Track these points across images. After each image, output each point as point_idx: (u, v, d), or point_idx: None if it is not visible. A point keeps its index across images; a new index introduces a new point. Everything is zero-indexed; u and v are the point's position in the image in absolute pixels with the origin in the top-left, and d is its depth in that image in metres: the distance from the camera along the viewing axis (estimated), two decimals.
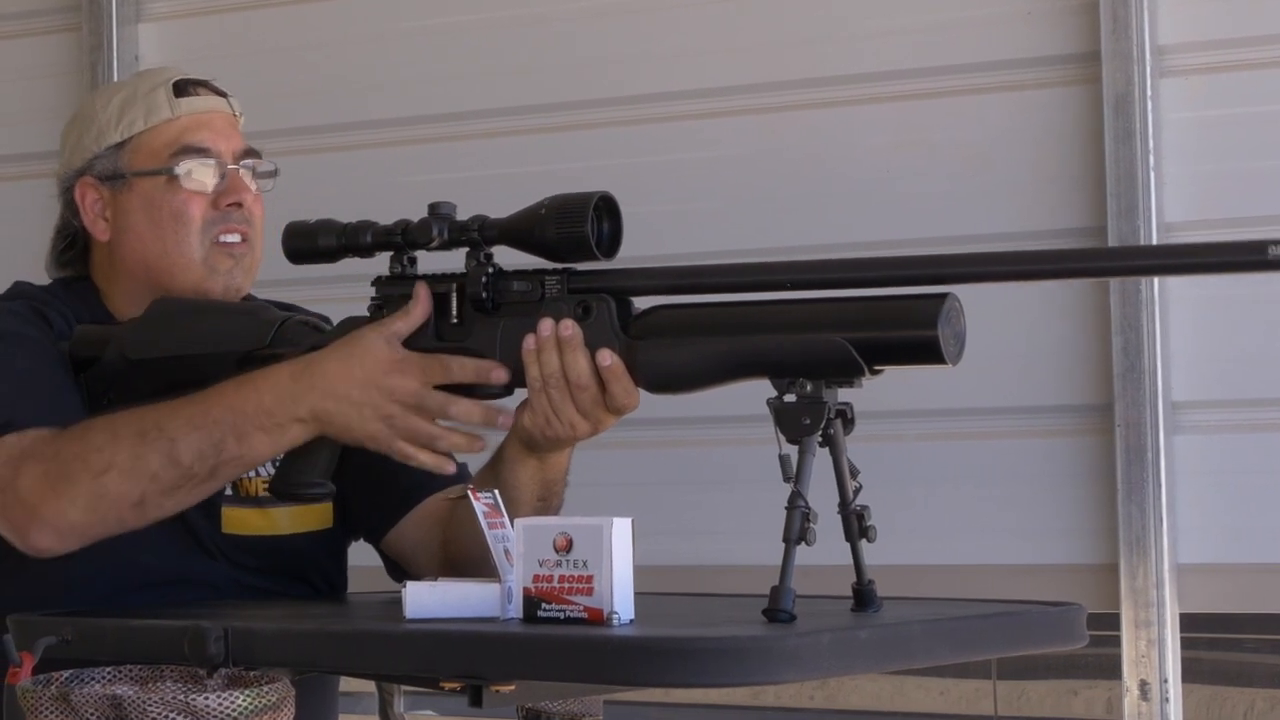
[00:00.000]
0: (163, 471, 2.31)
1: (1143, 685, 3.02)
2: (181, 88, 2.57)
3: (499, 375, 2.29)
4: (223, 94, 2.62)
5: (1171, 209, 3.02)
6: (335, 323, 2.54)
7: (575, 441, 2.31)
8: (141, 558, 2.43)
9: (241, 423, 2.31)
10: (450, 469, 2.35)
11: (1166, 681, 3.02)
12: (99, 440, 2.32)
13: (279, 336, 2.41)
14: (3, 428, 2.36)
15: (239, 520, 2.52)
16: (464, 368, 2.29)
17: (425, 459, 2.32)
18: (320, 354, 2.33)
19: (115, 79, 3.62)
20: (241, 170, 2.56)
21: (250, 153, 2.59)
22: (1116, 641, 3.04)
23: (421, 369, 2.29)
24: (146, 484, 2.31)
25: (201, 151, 2.54)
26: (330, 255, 2.36)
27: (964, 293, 2.11)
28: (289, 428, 2.31)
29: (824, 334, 2.09)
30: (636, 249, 2.32)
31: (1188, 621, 3.07)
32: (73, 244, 2.61)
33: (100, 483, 2.30)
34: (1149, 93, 3.01)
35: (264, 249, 2.59)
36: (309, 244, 2.37)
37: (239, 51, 3.62)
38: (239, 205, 2.54)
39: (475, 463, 2.47)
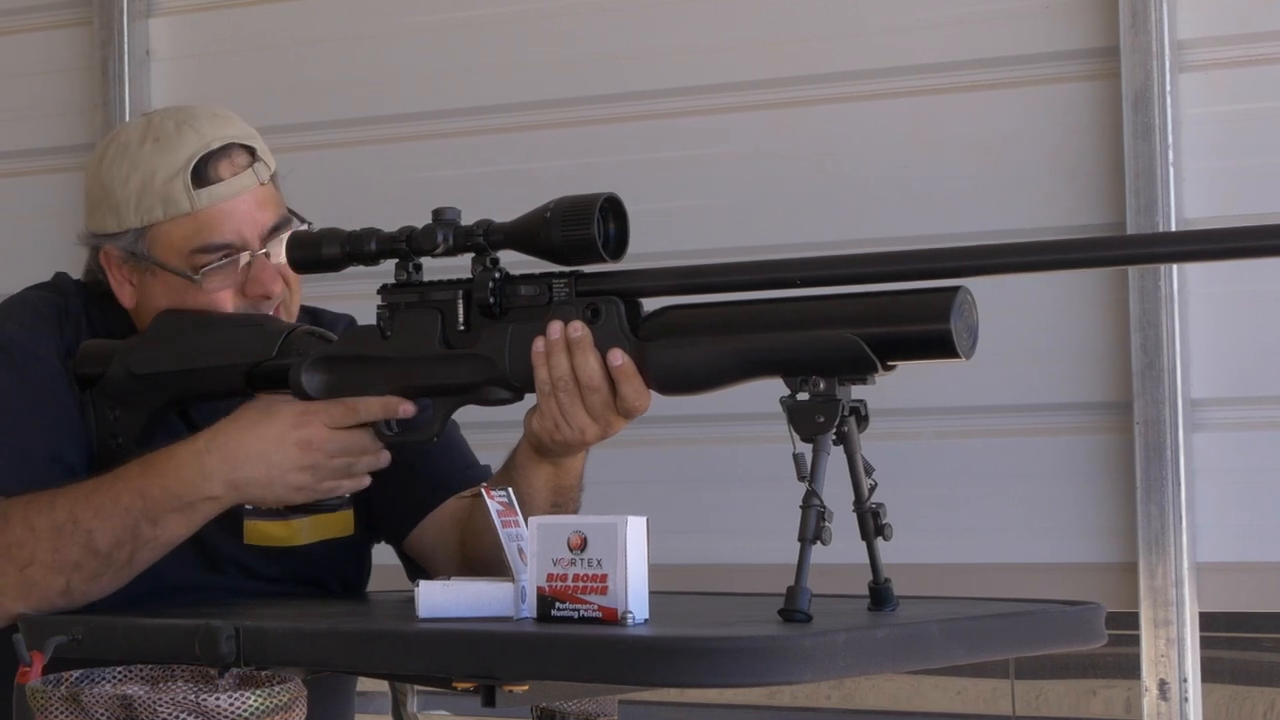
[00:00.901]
0: (84, 561, 2.31)
1: (1162, 685, 3.01)
2: (201, 173, 2.46)
3: (406, 409, 2.32)
4: (249, 149, 2.50)
5: (1191, 205, 3.01)
6: (358, 323, 2.55)
7: (585, 446, 2.31)
8: (153, 570, 2.41)
9: (151, 507, 2.32)
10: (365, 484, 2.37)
11: (1186, 681, 3.01)
12: (18, 534, 2.31)
13: (286, 347, 2.40)
14: None
15: (261, 533, 2.51)
16: (370, 407, 2.32)
17: (349, 485, 2.35)
18: (225, 424, 2.35)
19: (126, 74, 3.62)
20: (270, 250, 2.49)
21: (279, 226, 2.50)
22: (1135, 641, 3.03)
23: (328, 414, 2.32)
24: (70, 574, 2.31)
25: (224, 248, 2.47)
26: (334, 264, 2.34)
27: (982, 290, 2.10)
28: (200, 506, 2.34)
29: (836, 330, 2.08)
30: (647, 246, 2.31)
31: (1207, 621, 3.05)
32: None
33: (25, 575, 2.30)
34: (1168, 88, 3.00)
35: None
36: (313, 254, 2.35)
37: (250, 46, 3.61)
38: (267, 297, 2.50)
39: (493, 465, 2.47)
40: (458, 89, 3.46)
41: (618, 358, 2.20)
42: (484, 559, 2.41)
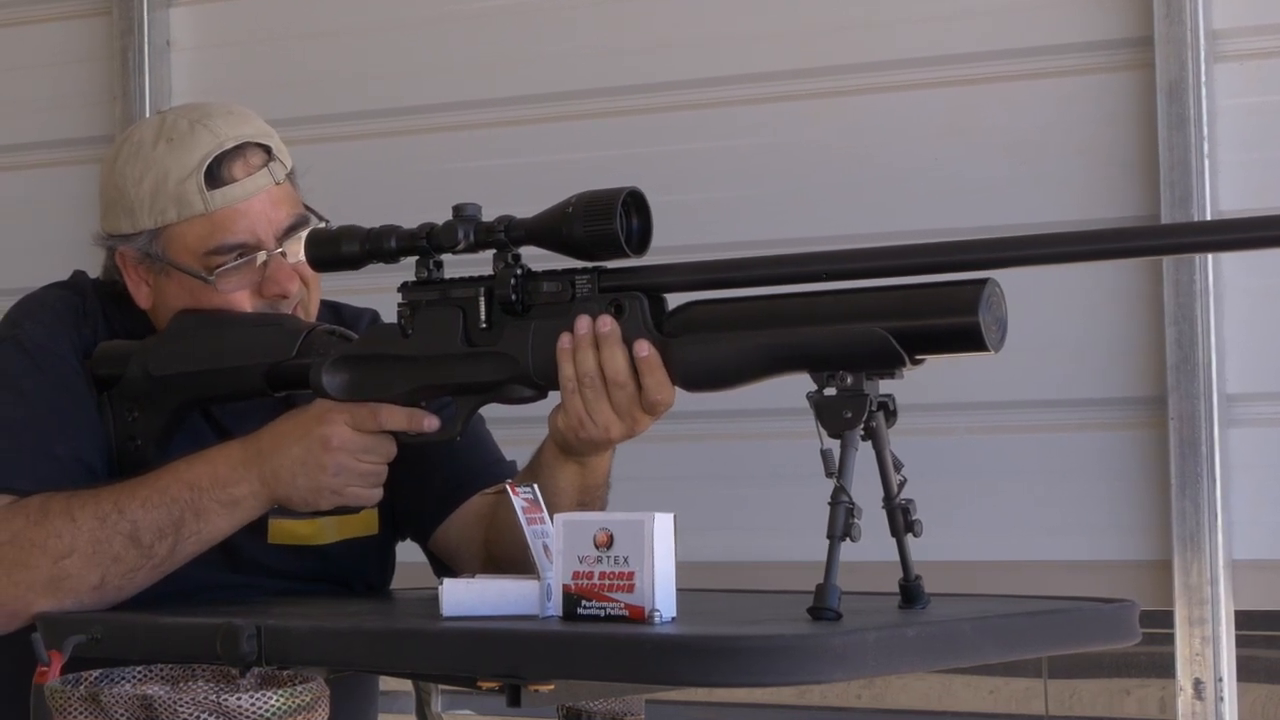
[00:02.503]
0: (124, 553, 2.31)
1: (1197, 684, 3.00)
2: (214, 174, 2.44)
3: (430, 424, 2.32)
4: (264, 148, 2.49)
5: (1226, 196, 2.99)
6: (382, 319, 2.54)
7: (611, 444, 2.29)
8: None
9: (198, 498, 2.33)
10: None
11: (1221, 680, 3.00)
12: (58, 525, 2.31)
13: (305, 346, 2.39)
14: None
15: (286, 531, 2.50)
16: (393, 415, 2.32)
17: (371, 496, 2.36)
18: (266, 425, 2.37)
19: (146, 65, 3.62)
20: (287, 250, 2.47)
21: (296, 224, 2.48)
22: (1170, 639, 3.02)
23: (351, 415, 2.31)
24: (108, 567, 2.31)
25: (238, 248, 2.46)
26: (354, 262, 2.33)
27: (1013, 283, 2.09)
28: (244, 502, 2.34)
29: (862, 325, 2.07)
30: (672, 240, 2.30)
31: (1243, 619, 3.04)
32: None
33: (60, 567, 2.30)
34: (1203, 78, 2.99)
35: None
36: (332, 252, 2.34)
37: (271, 36, 3.61)
38: (284, 296, 2.48)
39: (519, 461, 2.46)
40: (479, 80, 3.46)
41: (643, 349, 2.19)
42: (509, 556, 2.40)
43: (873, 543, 2.05)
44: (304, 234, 2.43)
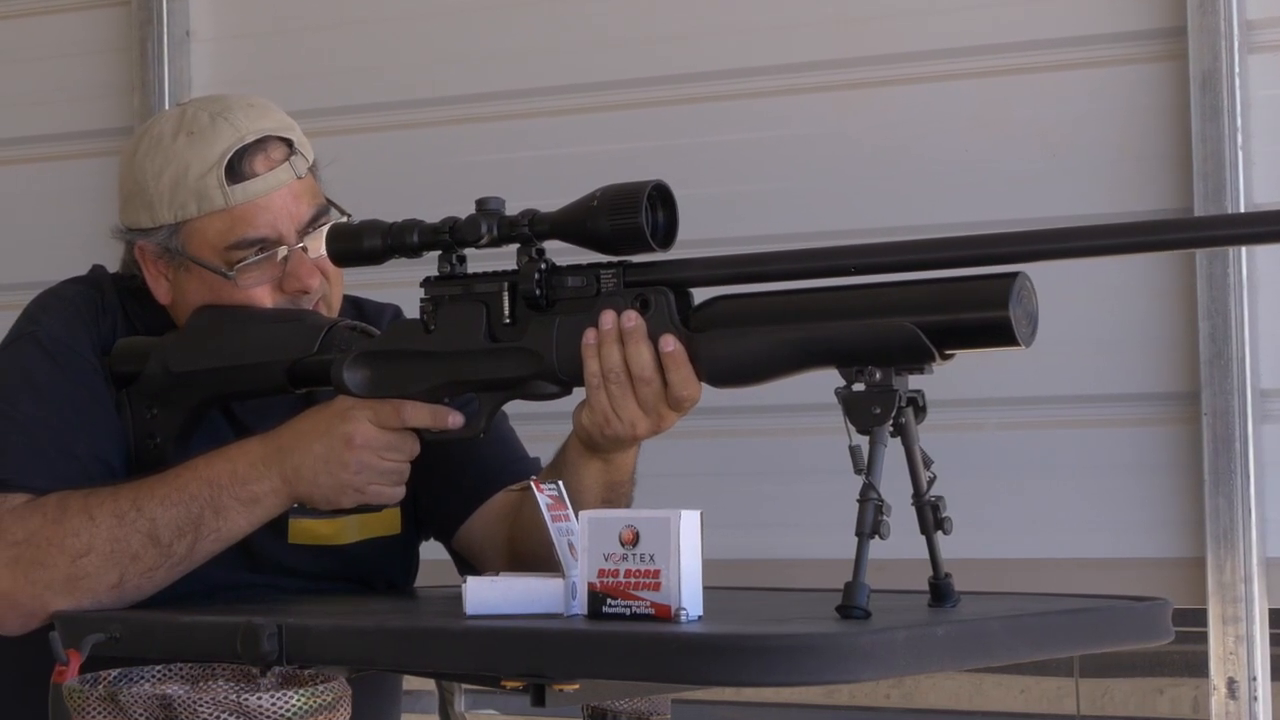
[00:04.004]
0: (143, 551, 2.30)
1: (1230, 683, 2.99)
2: (235, 168, 2.42)
3: (454, 420, 2.30)
4: (286, 141, 2.47)
5: (1261, 189, 2.99)
6: (404, 315, 2.53)
7: (636, 441, 2.28)
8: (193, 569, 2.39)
9: (217, 495, 2.32)
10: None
11: (1255, 679, 2.99)
12: (76, 523, 2.30)
13: (327, 342, 2.38)
14: None
15: (306, 531, 2.49)
16: (417, 412, 2.30)
17: (394, 494, 2.34)
18: (287, 422, 2.35)
19: (165, 55, 3.62)
20: (308, 244, 2.46)
21: (317, 218, 2.47)
22: (1203, 638, 3.02)
23: (374, 412, 2.30)
24: (126, 565, 2.30)
25: (259, 242, 2.44)
26: (376, 257, 2.31)
27: (1047, 277, 2.07)
28: (264, 499, 2.33)
29: (891, 319, 2.05)
30: (698, 233, 2.30)
31: (1277, 617, 3.04)
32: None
33: (78, 566, 2.29)
34: (1237, 69, 2.98)
35: None
36: (353, 246, 2.32)
37: (292, 26, 3.61)
38: (305, 291, 2.47)
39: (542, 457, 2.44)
40: (503, 72, 3.45)
41: (669, 343, 2.17)
42: (533, 554, 2.39)
43: (902, 540, 2.03)
44: (325, 228, 2.41)
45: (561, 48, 3.41)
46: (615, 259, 2.22)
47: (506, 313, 2.27)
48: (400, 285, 2.47)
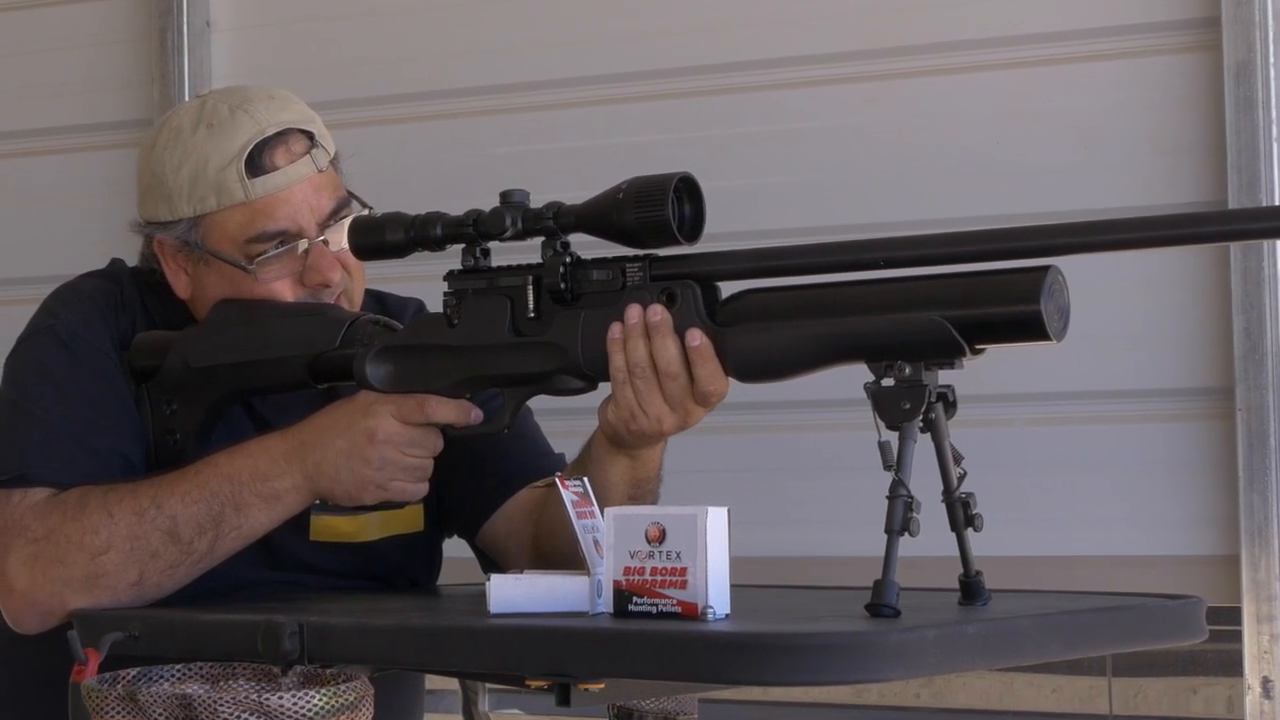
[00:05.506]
0: (163, 549, 2.29)
1: (1265, 683, 2.97)
2: (255, 161, 2.41)
3: (478, 416, 2.30)
4: (307, 134, 2.46)
5: None
6: (427, 309, 2.53)
7: (662, 437, 2.27)
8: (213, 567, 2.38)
9: (238, 491, 2.31)
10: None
11: None
12: (95, 520, 2.29)
13: (349, 337, 2.37)
14: (13, 480, 2.33)
15: (328, 528, 2.48)
16: (441, 407, 2.29)
17: (417, 490, 2.33)
18: (308, 418, 2.34)
19: (185, 46, 3.62)
20: (329, 238, 2.45)
21: (338, 211, 2.46)
22: (1238, 637, 3.00)
23: (397, 407, 2.29)
24: (146, 563, 2.29)
25: (279, 235, 2.43)
26: (399, 250, 2.30)
27: (1078, 270, 2.06)
28: (285, 496, 2.32)
29: (921, 313, 2.04)
30: (725, 226, 2.30)
31: None
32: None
33: (97, 563, 2.28)
34: (1271, 60, 2.96)
35: None
36: (375, 239, 2.31)
37: (313, 17, 3.60)
38: (326, 285, 2.45)
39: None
40: (527, 63, 3.44)
41: (695, 338, 2.16)
42: (558, 551, 2.38)
43: (932, 537, 2.02)
44: (346, 221, 2.40)
45: (586, 40, 3.40)
46: (641, 252, 2.21)
47: (531, 307, 2.25)
48: (423, 279, 2.46)
